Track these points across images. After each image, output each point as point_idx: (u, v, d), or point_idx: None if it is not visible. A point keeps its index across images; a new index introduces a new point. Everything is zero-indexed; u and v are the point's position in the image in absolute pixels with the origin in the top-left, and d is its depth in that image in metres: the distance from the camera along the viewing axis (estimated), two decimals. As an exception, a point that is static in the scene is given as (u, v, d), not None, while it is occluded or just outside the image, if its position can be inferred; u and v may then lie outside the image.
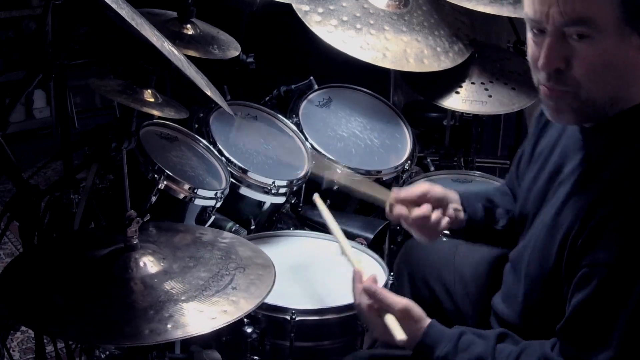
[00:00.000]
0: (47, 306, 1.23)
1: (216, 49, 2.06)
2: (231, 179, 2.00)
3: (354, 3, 2.32)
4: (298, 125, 2.29)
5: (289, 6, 2.25)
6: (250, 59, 2.42)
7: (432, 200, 1.45)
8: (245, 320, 1.59)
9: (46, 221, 1.71)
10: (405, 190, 1.46)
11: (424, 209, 1.43)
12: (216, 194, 1.92)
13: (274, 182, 2.03)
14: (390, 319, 1.26)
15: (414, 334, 1.25)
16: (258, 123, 2.28)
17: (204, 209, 1.93)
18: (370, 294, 1.29)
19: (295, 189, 2.13)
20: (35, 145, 3.70)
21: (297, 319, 1.57)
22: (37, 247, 1.52)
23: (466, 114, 2.71)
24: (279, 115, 2.31)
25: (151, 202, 1.84)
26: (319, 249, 1.90)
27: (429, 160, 2.78)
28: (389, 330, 1.25)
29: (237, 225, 2.01)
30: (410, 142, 2.40)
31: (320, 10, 2.26)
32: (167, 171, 1.83)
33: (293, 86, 2.45)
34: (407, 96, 3.33)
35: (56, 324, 1.21)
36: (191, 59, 1.54)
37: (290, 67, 2.66)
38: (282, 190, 2.06)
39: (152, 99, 1.65)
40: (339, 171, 1.50)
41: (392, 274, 1.72)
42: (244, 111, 2.27)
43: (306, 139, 2.25)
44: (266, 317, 1.60)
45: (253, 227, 2.08)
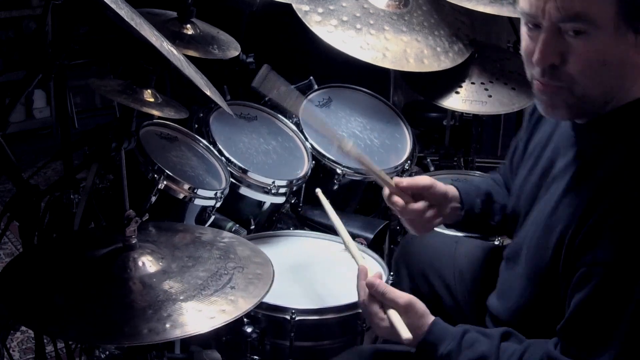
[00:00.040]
0: (47, 306, 1.23)
1: (216, 49, 2.06)
2: (231, 179, 2.00)
3: (354, 3, 2.32)
4: (298, 125, 2.29)
5: (289, 6, 2.25)
6: (250, 59, 2.42)
7: (432, 197, 1.46)
8: (245, 320, 1.59)
9: (46, 221, 1.70)
10: (408, 180, 1.46)
11: (420, 205, 1.44)
12: (216, 194, 1.92)
13: (273, 182, 2.03)
14: (394, 316, 1.25)
15: (417, 331, 1.24)
16: (258, 123, 2.28)
17: (203, 209, 1.93)
18: (373, 288, 1.29)
19: (295, 189, 2.13)
20: (35, 145, 3.70)
21: (297, 318, 1.57)
22: (37, 247, 1.52)
23: (466, 114, 2.71)
24: (279, 115, 2.31)
25: (151, 202, 1.84)
26: (319, 249, 1.90)
27: (429, 160, 2.78)
28: (394, 329, 1.24)
29: (237, 225, 2.01)
30: (410, 142, 2.40)
31: (320, 10, 2.26)
32: (167, 171, 1.83)
33: (293, 86, 2.45)
34: (407, 96, 3.33)
35: (56, 324, 1.21)
36: (191, 59, 1.53)
37: (290, 67, 2.65)
38: (282, 190, 2.06)
39: (152, 99, 1.65)
40: (350, 145, 1.51)
41: (392, 273, 1.72)
42: (244, 111, 2.28)
43: (306, 139, 2.25)
44: (266, 316, 1.60)
45: (253, 227, 2.08)
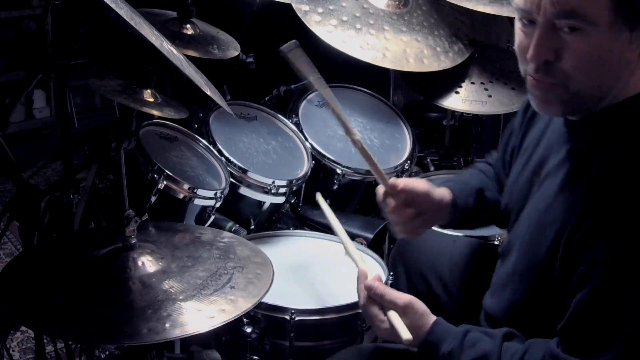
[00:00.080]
0: (47, 306, 1.23)
1: (216, 49, 2.06)
2: (231, 179, 2.00)
3: (354, 3, 2.32)
4: (298, 125, 2.29)
5: (289, 6, 2.25)
6: (250, 59, 2.42)
7: (426, 204, 1.44)
8: (244, 320, 1.59)
9: (46, 221, 1.70)
10: (405, 183, 1.44)
11: (409, 212, 1.43)
12: (216, 194, 1.92)
13: (273, 182, 2.03)
14: (394, 317, 1.25)
15: (418, 331, 1.23)
16: (258, 123, 2.28)
17: (203, 208, 1.93)
18: (372, 290, 1.28)
19: (295, 188, 2.13)
20: (35, 145, 3.70)
21: (296, 318, 1.58)
22: (37, 247, 1.52)
23: (466, 114, 2.71)
24: (279, 115, 2.31)
25: (151, 202, 1.84)
26: (318, 248, 1.90)
27: (428, 160, 2.78)
28: (394, 330, 1.24)
29: (237, 225, 2.01)
30: (410, 142, 2.40)
31: (320, 10, 2.26)
32: (166, 171, 1.83)
33: (293, 86, 2.45)
34: (407, 96, 3.33)
35: (56, 324, 1.21)
36: (191, 59, 1.53)
37: (290, 67, 2.65)
38: (282, 190, 2.07)
39: (152, 99, 1.65)
40: (359, 135, 1.51)
41: (392, 273, 1.72)
42: (244, 111, 2.28)
43: (306, 139, 2.25)
44: (266, 316, 1.60)
45: (253, 227, 2.08)
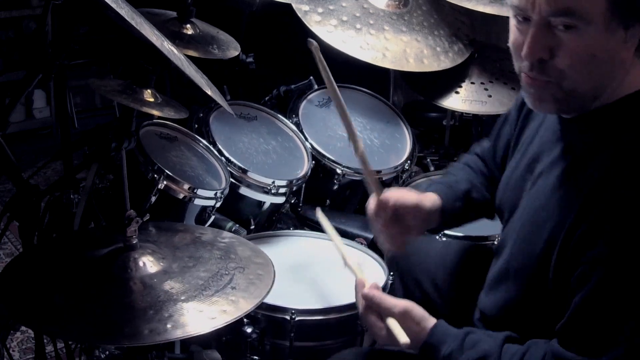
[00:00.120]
0: (47, 306, 1.23)
1: (216, 49, 2.06)
2: (231, 179, 2.00)
3: (354, 3, 2.32)
4: (298, 125, 2.29)
5: (289, 6, 2.25)
6: (250, 59, 2.42)
7: (416, 216, 1.44)
8: (245, 320, 1.59)
9: (46, 221, 1.70)
10: (395, 199, 1.42)
11: (396, 230, 1.43)
12: (216, 194, 1.92)
13: (273, 182, 2.03)
14: (392, 323, 1.25)
15: (417, 335, 1.23)
16: (258, 123, 2.28)
17: (203, 208, 1.93)
18: (368, 299, 1.29)
19: (295, 189, 2.13)
20: (35, 145, 3.69)
21: (296, 318, 1.58)
22: (37, 247, 1.52)
23: (466, 113, 2.71)
24: (279, 115, 2.31)
25: (151, 202, 1.84)
26: (318, 249, 1.90)
27: (428, 160, 2.78)
28: (392, 335, 1.23)
29: (237, 225, 2.01)
30: (410, 142, 2.40)
31: (320, 10, 2.26)
32: (166, 171, 1.83)
33: (293, 86, 2.45)
34: (407, 96, 3.33)
35: (56, 324, 1.21)
36: (191, 58, 1.53)
37: (290, 67, 2.66)
38: (282, 190, 2.06)
39: (152, 99, 1.65)
40: (362, 147, 1.50)
41: (392, 273, 1.72)
42: (244, 111, 2.28)
43: (306, 139, 2.25)
44: (266, 317, 1.60)
45: (253, 227, 2.08)
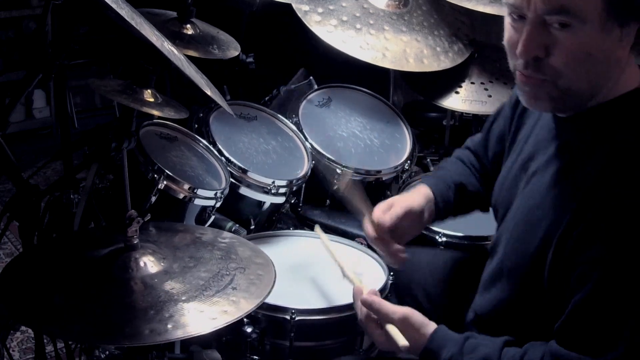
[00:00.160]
0: (47, 306, 1.23)
1: (216, 49, 2.06)
2: (231, 179, 2.00)
3: (354, 3, 2.33)
4: (298, 125, 2.29)
5: (289, 6, 2.25)
6: (250, 59, 2.42)
7: (409, 220, 1.46)
8: (245, 320, 1.59)
9: (46, 221, 1.70)
10: (390, 219, 1.45)
11: (395, 248, 1.47)
12: (216, 194, 1.92)
13: (273, 182, 2.03)
14: (391, 329, 1.25)
15: (417, 341, 1.24)
16: (258, 123, 2.28)
17: (203, 208, 1.93)
18: (367, 305, 1.29)
19: (295, 189, 2.13)
20: (35, 145, 3.69)
21: (297, 318, 1.57)
22: (37, 247, 1.52)
23: (466, 113, 2.71)
24: (279, 115, 2.31)
25: (151, 202, 1.84)
26: (319, 248, 1.90)
27: (428, 160, 2.78)
28: (392, 341, 1.24)
29: (237, 225, 2.01)
30: (410, 142, 2.40)
31: (320, 10, 2.26)
32: (166, 171, 1.83)
33: (293, 86, 2.45)
34: (406, 96, 3.33)
35: (56, 324, 1.20)
36: (191, 59, 1.54)
37: (290, 67, 2.66)
38: (282, 190, 2.06)
39: (152, 99, 1.65)
40: (347, 178, 1.54)
41: (392, 273, 1.72)
42: (244, 111, 2.28)
43: (306, 139, 2.25)
44: (266, 316, 1.60)
45: (253, 227, 2.08)
